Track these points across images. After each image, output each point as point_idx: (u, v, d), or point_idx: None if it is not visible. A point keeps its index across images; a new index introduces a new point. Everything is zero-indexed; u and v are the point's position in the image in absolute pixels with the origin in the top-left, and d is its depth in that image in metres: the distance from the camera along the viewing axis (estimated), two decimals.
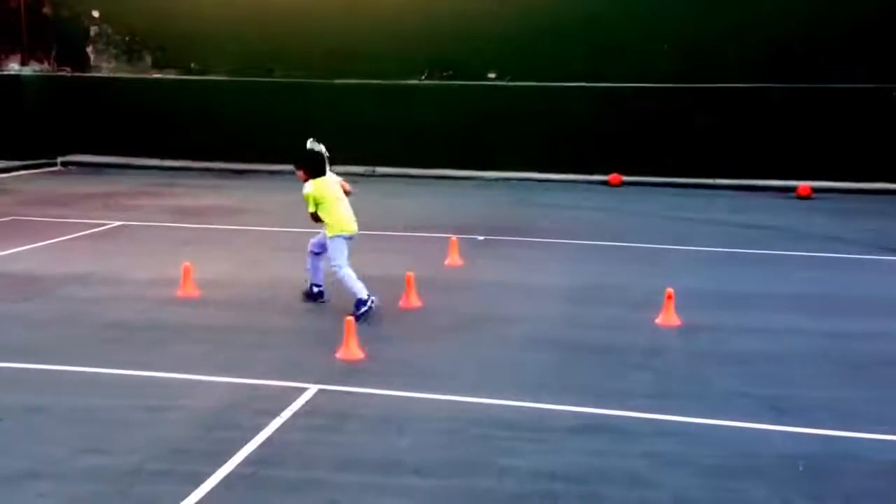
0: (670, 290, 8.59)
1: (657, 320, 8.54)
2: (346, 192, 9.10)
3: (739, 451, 5.74)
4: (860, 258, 11.84)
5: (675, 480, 5.34)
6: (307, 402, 6.41)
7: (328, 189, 8.81)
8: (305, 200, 8.79)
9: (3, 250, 11.39)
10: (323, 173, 8.89)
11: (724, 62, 18.65)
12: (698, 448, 5.78)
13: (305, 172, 8.86)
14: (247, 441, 5.69)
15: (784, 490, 5.24)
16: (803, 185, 17.59)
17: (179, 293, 9.31)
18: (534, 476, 5.36)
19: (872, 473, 5.46)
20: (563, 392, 6.71)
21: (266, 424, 5.96)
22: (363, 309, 8.48)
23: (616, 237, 13.00)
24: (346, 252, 8.79)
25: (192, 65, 21.30)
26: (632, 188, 18.45)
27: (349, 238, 8.85)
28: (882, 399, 6.68)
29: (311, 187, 8.75)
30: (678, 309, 8.57)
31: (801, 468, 5.49)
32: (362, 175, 19.87)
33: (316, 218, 8.82)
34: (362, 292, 8.57)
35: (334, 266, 8.74)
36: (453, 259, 11.02)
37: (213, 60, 21.09)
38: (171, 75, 21.40)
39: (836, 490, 5.25)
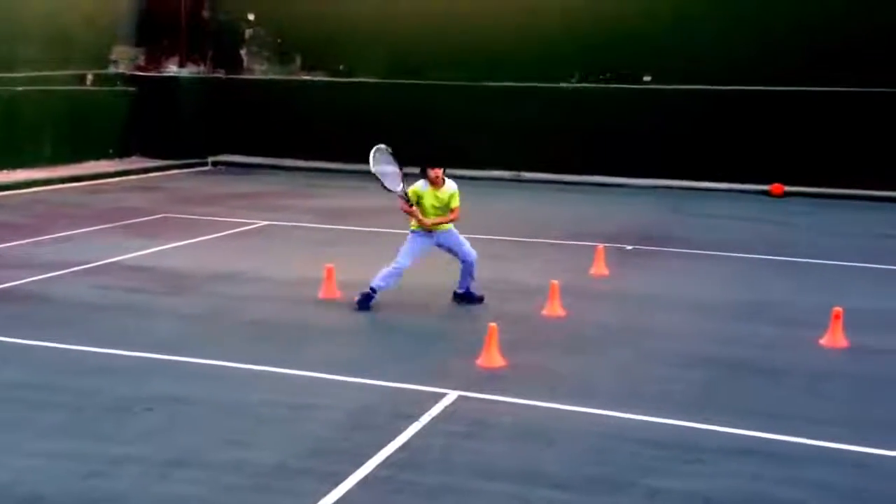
0: (838, 308, 8.15)
1: (822, 341, 8.13)
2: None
3: None
4: None
5: None
6: (447, 408, 6.41)
7: None
8: (454, 200, 9.26)
9: (154, 246, 11.97)
10: None
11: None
12: (873, 481, 5.45)
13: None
14: (386, 443, 5.73)
15: None
16: None
17: (322, 294, 9.52)
18: (686, 499, 5.16)
19: None
20: (718, 412, 6.46)
21: (405, 428, 5.99)
22: (360, 297, 8.99)
23: (776, 251, 12.48)
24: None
25: (341, 67, 21.86)
26: (795, 199, 17.70)
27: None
28: None
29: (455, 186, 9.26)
30: (846, 329, 8.13)
31: None
32: (509, 180, 19.92)
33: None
34: (378, 282, 9.02)
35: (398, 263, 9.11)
36: (599, 268, 10.84)
37: (362, 63, 21.57)
38: (319, 77, 22.03)
39: None
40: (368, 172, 9.79)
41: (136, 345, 7.68)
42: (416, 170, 9.32)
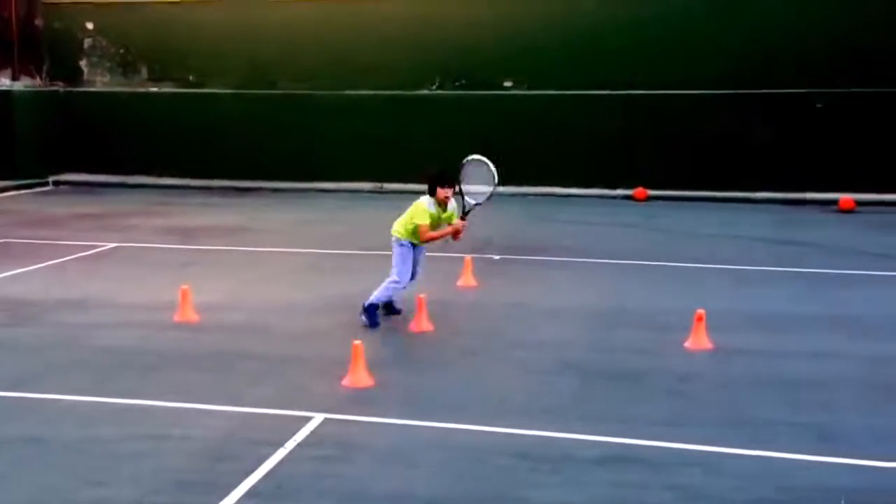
0: (701, 311, 8.60)
1: (687, 343, 8.56)
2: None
3: (777, 484, 5.73)
4: None
5: None
6: (313, 432, 6.46)
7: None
8: (452, 219, 9.18)
9: None
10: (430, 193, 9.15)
11: (761, 68, 18.67)
12: (732, 480, 5.78)
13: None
14: (250, 472, 5.74)
15: None
16: (845, 197, 17.56)
17: (177, 318, 9.40)
18: None
19: None
20: (587, 420, 6.73)
21: (270, 455, 6.02)
22: (375, 319, 9.14)
23: (642, 255, 13.02)
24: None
25: (191, 77, 21.53)
26: (659, 203, 18.47)
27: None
28: None
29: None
30: (710, 331, 8.58)
31: (842, 503, 5.48)
32: (370, 192, 20.05)
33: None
34: (379, 298, 9.19)
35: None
36: (467, 280, 11.08)
37: (213, 73, 21.31)
38: (167, 88, 21.64)
39: None
40: (225, 188, 9.70)
41: None
42: (267, 184, 9.24)
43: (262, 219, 16.57)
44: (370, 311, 9.13)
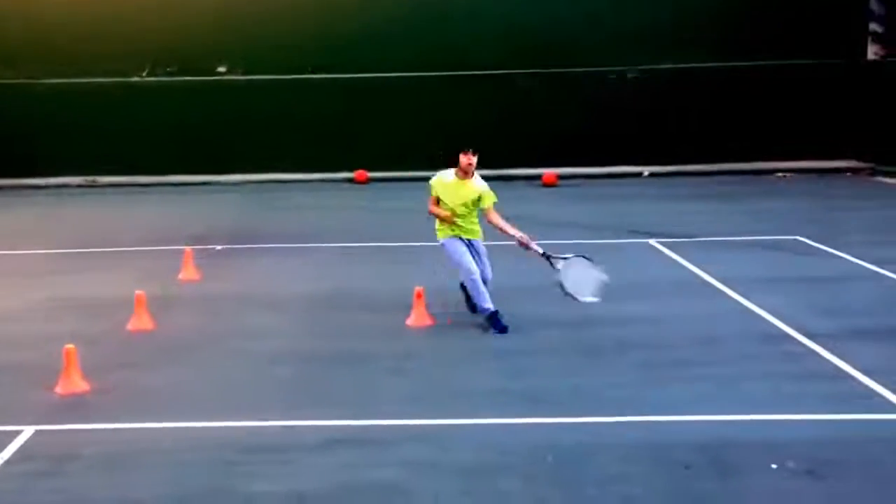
0: (419, 288, 8.81)
1: (408, 321, 8.74)
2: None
3: (494, 448, 5.99)
4: (610, 243, 12.61)
5: (429, 486, 5.50)
6: (22, 447, 6.03)
7: None
8: (486, 200, 8.92)
9: None
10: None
11: (469, 49, 19.30)
12: (453, 450, 5.98)
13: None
14: None
15: (537, 483, 5.52)
16: (548, 172, 18.56)
17: None
18: (282, 500, 5.34)
19: (619, 458, 5.85)
20: (311, 407, 6.73)
21: None
22: (501, 323, 8.48)
23: (363, 238, 13.17)
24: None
25: None
26: (379, 185, 18.75)
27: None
28: (625, 383, 7.20)
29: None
30: (430, 308, 8.81)
31: (550, 459, 5.81)
32: (80, 186, 18.95)
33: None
34: (484, 304, 8.54)
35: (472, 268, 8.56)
36: (188, 273, 10.72)
37: None
38: None
39: (586, 478, 5.58)
40: None
41: None
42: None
43: None
44: (492, 318, 8.51)
